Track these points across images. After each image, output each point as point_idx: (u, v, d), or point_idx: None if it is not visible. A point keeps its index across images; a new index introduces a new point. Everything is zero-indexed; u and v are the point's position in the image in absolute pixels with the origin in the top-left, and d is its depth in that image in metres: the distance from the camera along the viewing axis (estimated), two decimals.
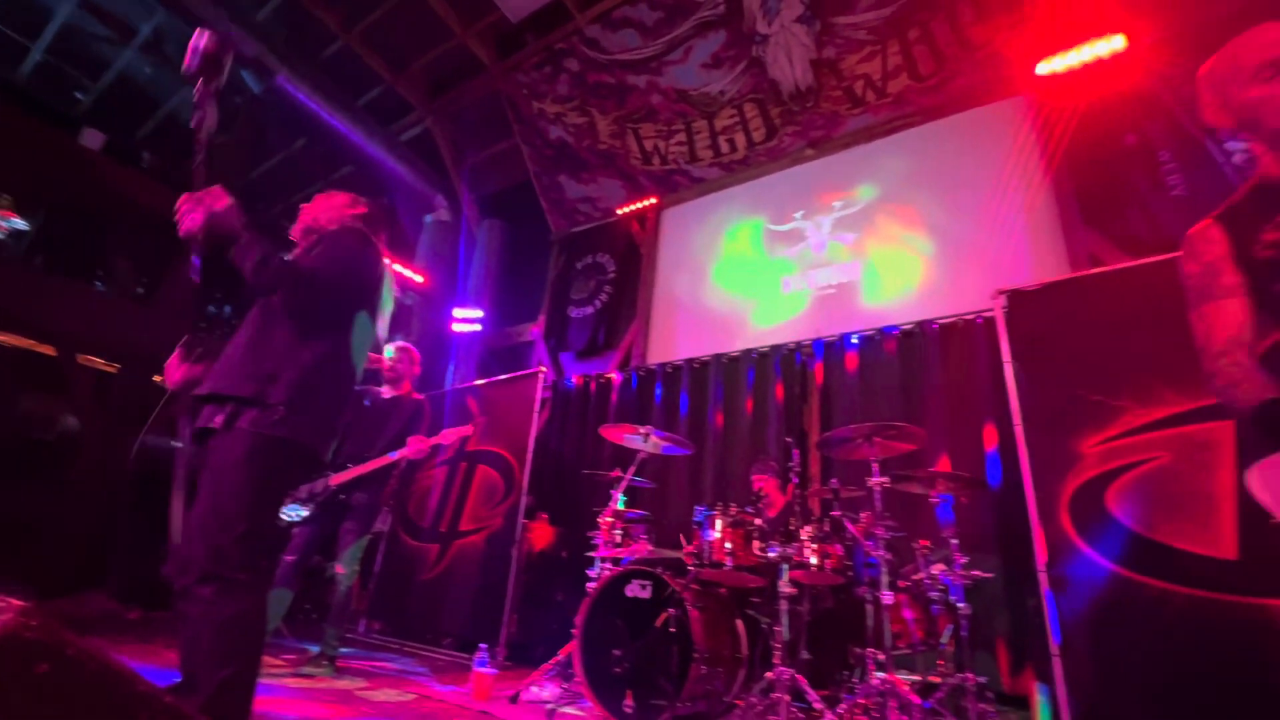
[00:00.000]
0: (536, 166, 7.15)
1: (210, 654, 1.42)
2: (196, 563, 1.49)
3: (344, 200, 2.05)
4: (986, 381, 3.67)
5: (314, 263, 1.76)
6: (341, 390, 1.80)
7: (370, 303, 1.88)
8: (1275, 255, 1.14)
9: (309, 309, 1.71)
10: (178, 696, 1.36)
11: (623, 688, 2.56)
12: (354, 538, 3.29)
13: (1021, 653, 3.18)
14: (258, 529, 1.56)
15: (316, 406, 1.69)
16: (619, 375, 5.66)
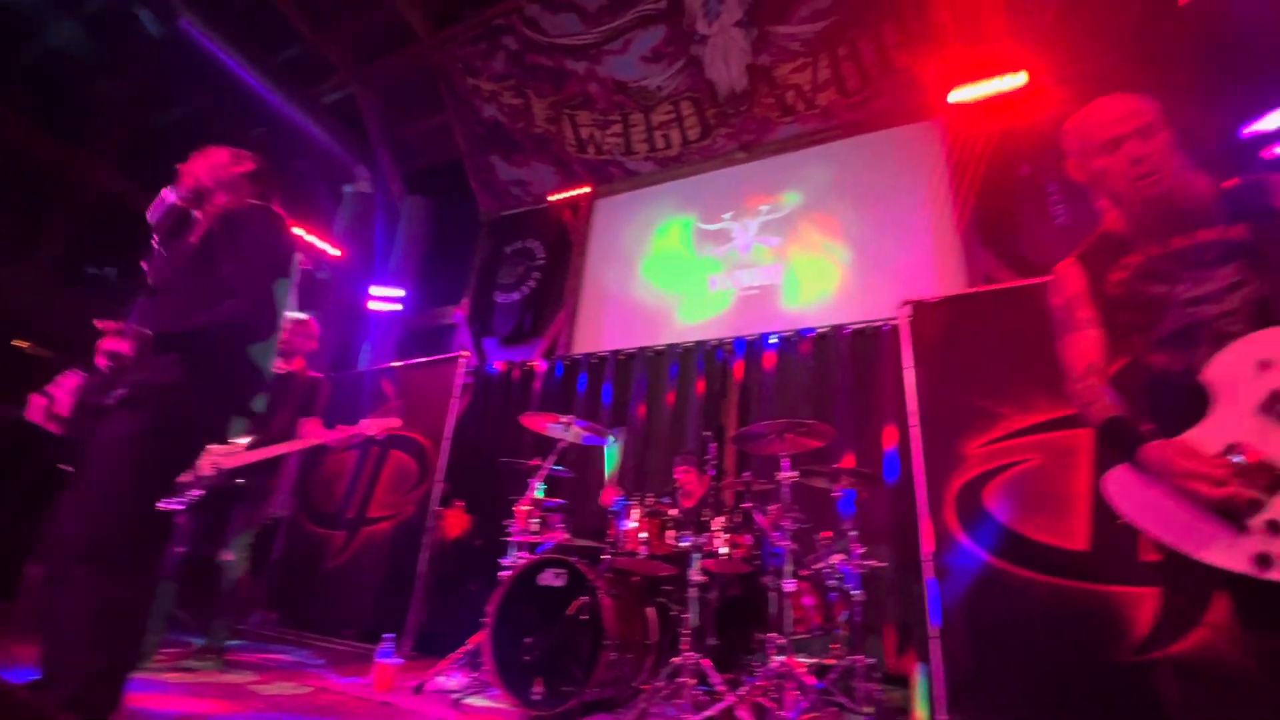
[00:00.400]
0: (468, 145, 6.93)
1: (81, 642, 1.31)
2: (73, 543, 1.37)
3: (225, 158, 1.89)
4: (889, 385, 3.93)
5: (240, 281, 1.63)
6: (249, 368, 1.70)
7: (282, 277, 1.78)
8: (1121, 293, 1.32)
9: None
10: (37, 691, 1.25)
11: (532, 675, 2.57)
12: (244, 524, 3.10)
13: (906, 635, 3.46)
14: (148, 510, 1.45)
15: (221, 383, 1.59)
16: (544, 364, 5.62)
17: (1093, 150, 1.38)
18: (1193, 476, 1.08)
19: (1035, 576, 2.48)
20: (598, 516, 4.18)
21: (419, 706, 2.61)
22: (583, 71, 5.98)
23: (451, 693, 2.83)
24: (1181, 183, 1.31)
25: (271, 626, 4.60)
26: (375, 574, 4.39)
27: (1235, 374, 1.14)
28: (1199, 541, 1.11)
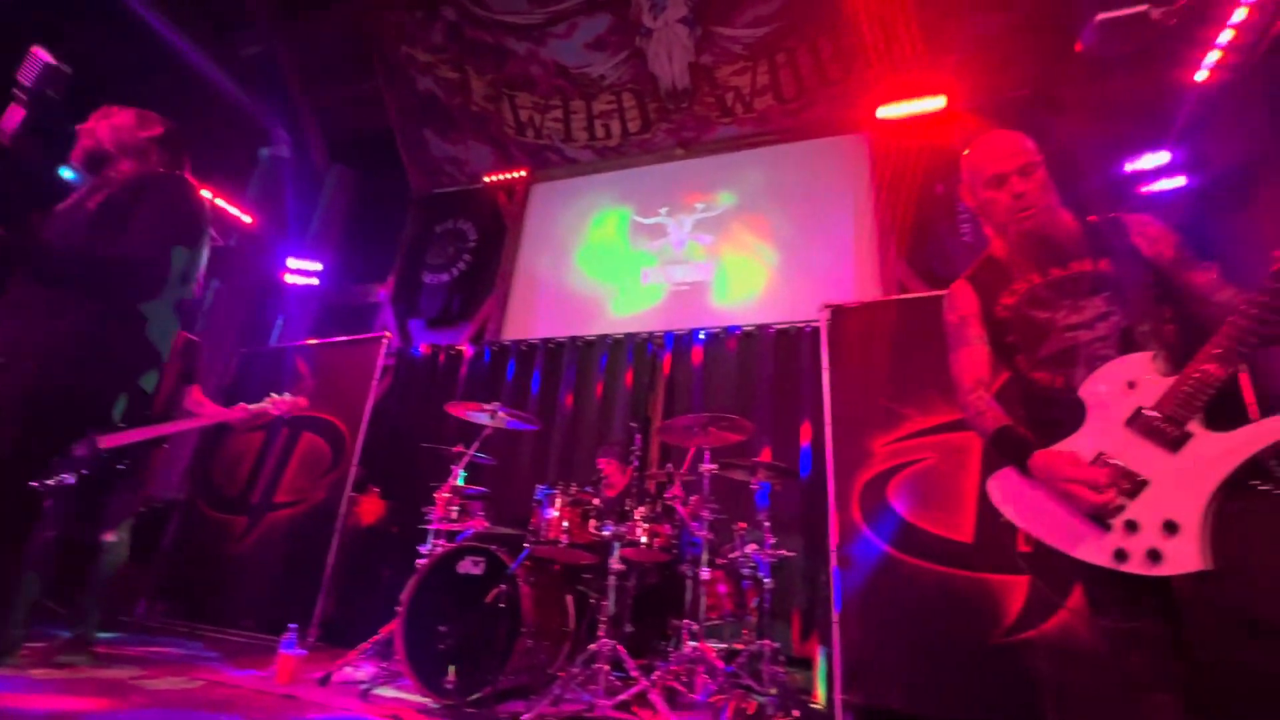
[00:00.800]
0: (400, 117, 6.63)
1: None
2: None
3: (130, 120, 1.74)
4: (808, 384, 4.13)
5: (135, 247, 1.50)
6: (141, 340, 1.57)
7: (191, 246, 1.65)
8: (1009, 316, 1.46)
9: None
10: None
11: (446, 664, 2.54)
12: (125, 505, 2.88)
13: (811, 621, 3.67)
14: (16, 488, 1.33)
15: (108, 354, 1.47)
16: (471, 348, 5.50)
17: (981, 182, 1.51)
18: (1076, 482, 1.21)
19: (926, 565, 2.69)
20: (520, 505, 4.16)
21: (325, 698, 2.52)
22: (524, 52, 5.85)
23: (360, 683, 2.75)
24: (1052, 219, 1.46)
25: (159, 617, 4.29)
26: (280, 561, 4.17)
27: (1107, 391, 1.28)
28: (1071, 539, 1.25)
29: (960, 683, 2.52)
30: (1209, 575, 1.13)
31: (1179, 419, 1.18)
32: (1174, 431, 1.18)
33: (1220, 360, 1.16)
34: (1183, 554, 1.11)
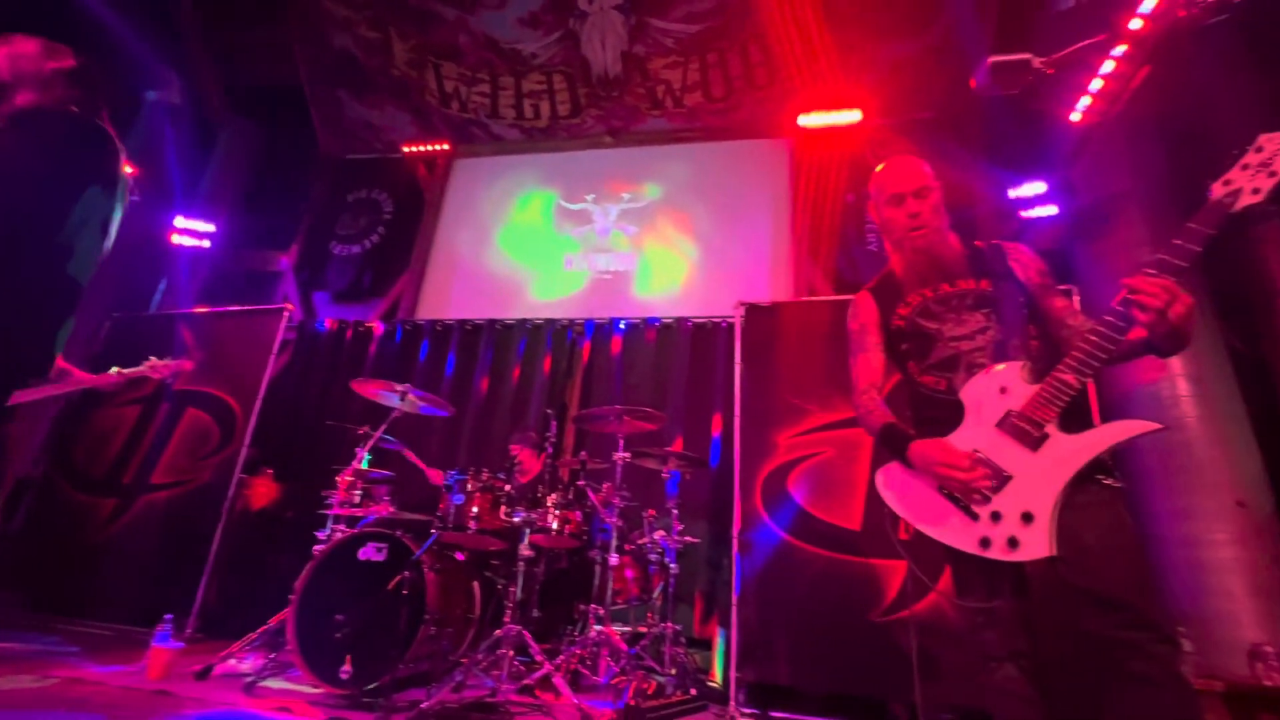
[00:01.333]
0: (311, 73, 6.16)
1: None
2: None
3: (34, 49, 1.53)
4: (721, 377, 4.28)
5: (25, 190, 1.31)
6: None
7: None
8: (902, 325, 1.61)
9: None
10: None
11: (342, 654, 2.45)
12: None
13: (712, 604, 3.83)
14: None
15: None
16: (382, 326, 5.26)
17: (884, 200, 1.65)
18: (946, 465, 1.36)
19: (819, 551, 2.89)
20: (429, 490, 4.05)
21: (203, 693, 2.37)
22: (453, 19, 5.60)
23: (245, 676, 2.60)
24: (942, 239, 1.61)
25: (5, 609, 3.83)
26: (155, 548, 3.84)
27: (982, 396, 1.44)
28: (944, 528, 1.40)
29: (843, 658, 2.74)
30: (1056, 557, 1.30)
31: (1039, 422, 1.34)
32: (1035, 433, 1.34)
33: (1075, 372, 1.33)
34: (1035, 542, 1.28)
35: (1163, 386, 3.71)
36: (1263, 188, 1.23)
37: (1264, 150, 1.24)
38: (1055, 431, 1.33)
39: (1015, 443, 1.36)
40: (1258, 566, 3.26)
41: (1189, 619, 3.29)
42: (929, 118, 5.13)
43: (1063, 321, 1.53)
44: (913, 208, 1.60)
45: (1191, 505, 3.49)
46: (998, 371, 1.46)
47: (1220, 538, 3.34)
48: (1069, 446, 1.31)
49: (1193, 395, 3.63)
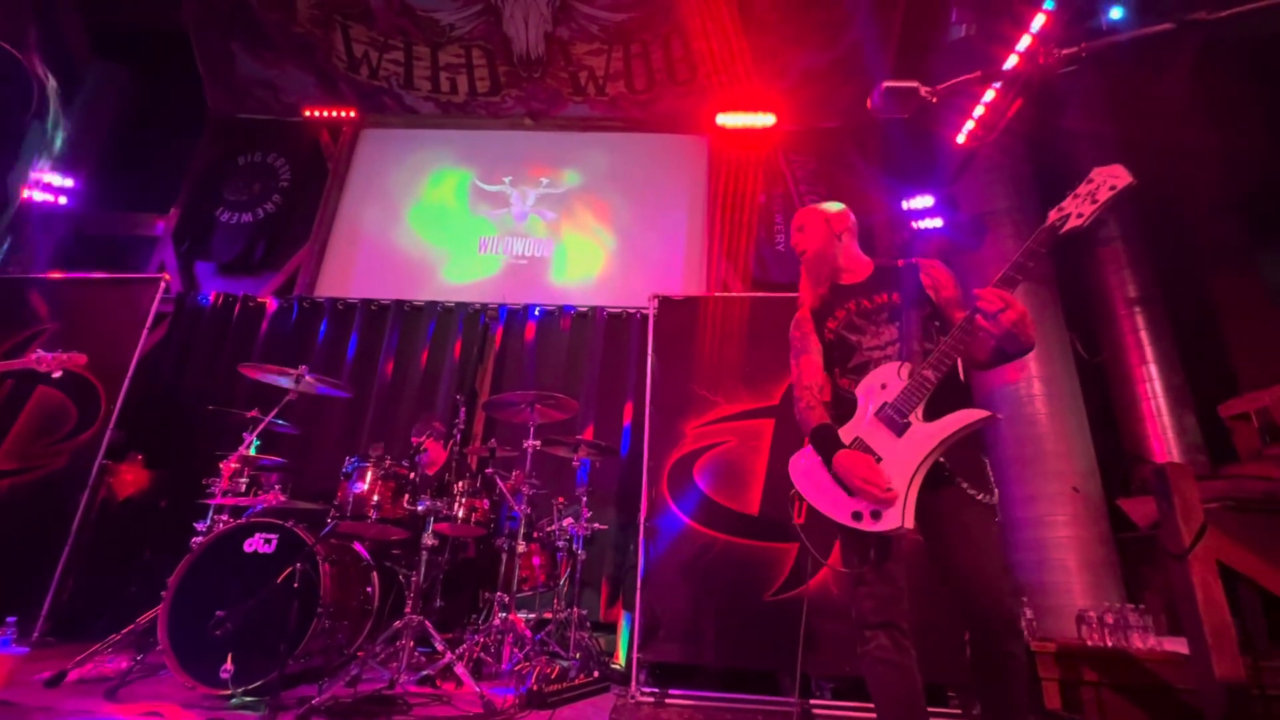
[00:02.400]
0: (198, 19, 5.58)
1: None
2: None
3: None
4: (634, 367, 4.35)
5: None
6: None
7: None
8: (833, 338, 1.81)
9: None
10: None
11: (223, 652, 2.30)
12: None
13: (617, 588, 3.92)
14: None
15: None
16: (276, 302, 4.91)
17: (833, 235, 1.90)
18: (865, 481, 1.52)
19: (719, 536, 3.03)
20: (326, 479, 3.85)
21: (54, 701, 2.15)
22: None
23: (106, 680, 2.38)
24: (851, 261, 1.86)
25: None
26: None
27: (868, 391, 1.64)
28: (833, 506, 1.58)
29: (738, 636, 2.89)
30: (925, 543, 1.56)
31: (904, 411, 1.55)
32: (900, 420, 1.56)
33: (933, 369, 1.54)
34: (893, 514, 1.47)
35: (1021, 386, 4.19)
36: (1085, 213, 1.44)
37: (1093, 181, 1.46)
38: (917, 420, 1.54)
39: (885, 430, 1.57)
40: (1088, 544, 3.78)
41: (1032, 589, 3.76)
42: (835, 127, 5.43)
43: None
44: (846, 243, 1.92)
45: (1038, 491, 3.97)
46: (879, 370, 1.64)
47: (1060, 518, 3.83)
48: (924, 432, 1.52)
49: (1044, 395, 4.13)
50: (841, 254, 1.87)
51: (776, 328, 3.37)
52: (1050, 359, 4.20)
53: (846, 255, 1.87)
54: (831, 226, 1.90)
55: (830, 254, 1.87)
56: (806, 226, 1.94)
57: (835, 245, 1.87)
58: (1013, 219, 4.48)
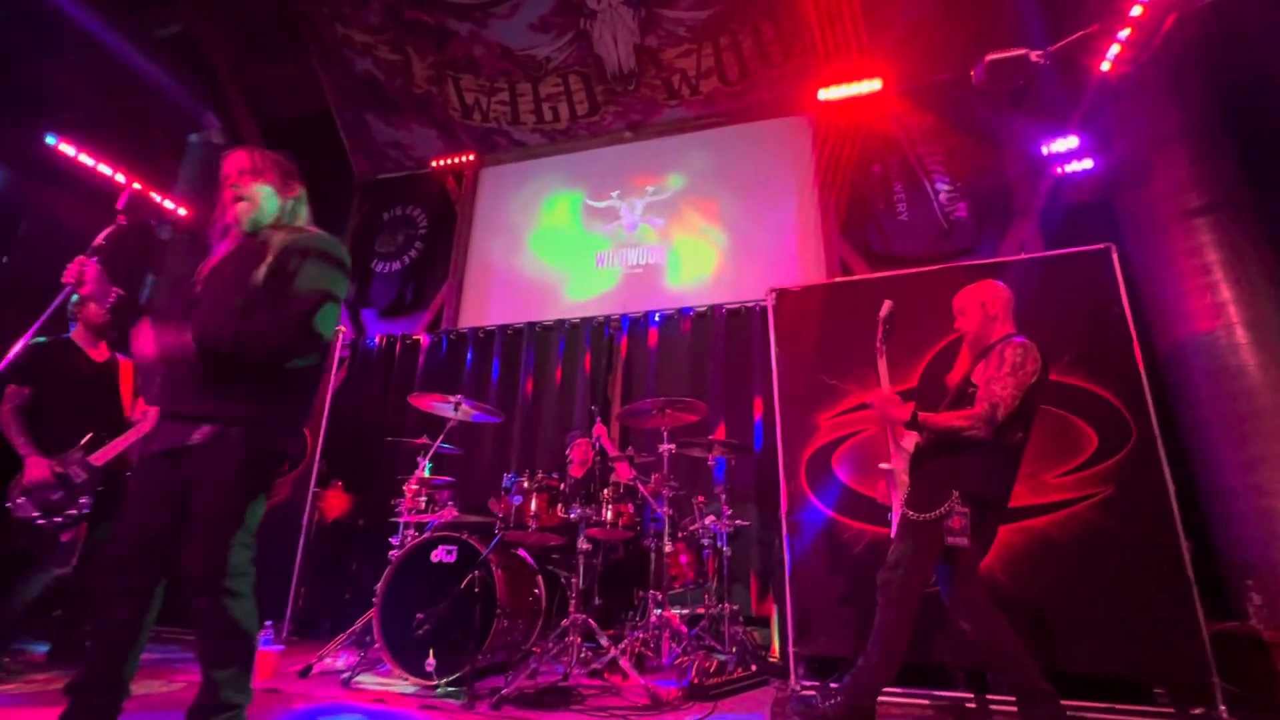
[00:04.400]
0: (338, 99, 6.42)
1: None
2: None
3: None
4: (759, 361, 4.34)
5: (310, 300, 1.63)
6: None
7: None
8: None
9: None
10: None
11: (425, 649, 2.66)
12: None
13: (766, 583, 3.94)
14: None
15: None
16: (428, 337, 5.50)
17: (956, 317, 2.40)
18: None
19: (866, 527, 2.95)
20: (485, 492, 4.26)
21: (307, 689, 2.62)
22: (466, 34, 5.74)
23: (340, 673, 2.85)
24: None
25: None
26: None
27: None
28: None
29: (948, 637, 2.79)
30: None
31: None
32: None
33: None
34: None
35: (1219, 334, 3.60)
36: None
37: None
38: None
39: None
40: None
41: (1257, 570, 3.23)
42: (951, 78, 5.00)
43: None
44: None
45: (1257, 454, 3.39)
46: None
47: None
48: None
49: (1251, 342, 3.52)
50: (995, 333, 2.23)
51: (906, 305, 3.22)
52: (1255, 300, 3.57)
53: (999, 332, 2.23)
54: (986, 310, 2.26)
55: (986, 335, 2.24)
56: (967, 311, 2.31)
57: (991, 327, 2.24)
58: (1187, 144, 3.84)
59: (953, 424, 2.08)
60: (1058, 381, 2.86)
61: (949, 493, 2.06)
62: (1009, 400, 2.02)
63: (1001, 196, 4.58)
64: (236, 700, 1.56)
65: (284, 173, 1.86)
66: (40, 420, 2.79)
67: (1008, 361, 2.07)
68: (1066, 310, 2.95)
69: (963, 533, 2.00)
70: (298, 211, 1.88)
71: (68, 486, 2.71)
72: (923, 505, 2.10)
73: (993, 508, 2.13)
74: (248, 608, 1.58)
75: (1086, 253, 3.01)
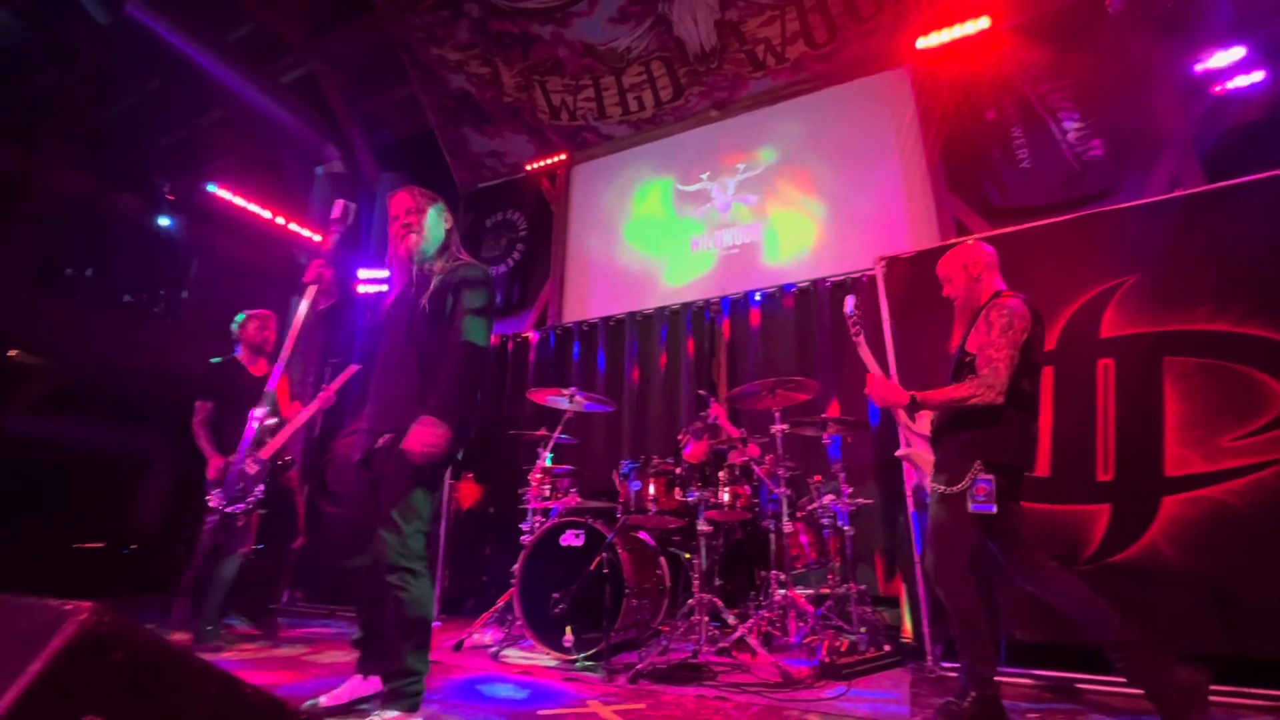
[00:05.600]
0: (438, 118, 6.84)
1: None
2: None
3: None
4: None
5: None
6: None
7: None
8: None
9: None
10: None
11: (561, 626, 2.85)
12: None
13: (893, 562, 3.81)
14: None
15: None
16: (536, 334, 5.77)
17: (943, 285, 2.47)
18: None
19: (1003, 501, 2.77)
20: (602, 478, 4.44)
21: (461, 661, 2.89)
22: (549, 36, 5.90)
23: (488, 647, 3.12)
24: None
25: (301, 603, 4.87)
26: None
27: None
28: None
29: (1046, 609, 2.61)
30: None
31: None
32: None
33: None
34: None
35: None
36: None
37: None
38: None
39: None
40: None
41: None
42: (1070, 3, 4.48)
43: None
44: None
45: None
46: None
47: None
48: None
49: None
50: (983, 294, 2.26)
51: (1034, 261, 2.97)
52: None
53: (986, 293, 2.26)
54: (969, 272, 2.30)
55: (974, 299, 2.29)
56: (952, 278, 2.37)
57: (976, 288, 2.29)
58: None
59: (954, 397, 2.08)
60: (1229, 333, 2.53)
61: (971, 464, 2.04)
62: (1006, 361, 2.03)
63: (1145, 128, 4.05)
64: (418, 668, 1.79)
65: (439, 208, 2.15)
66: (219, 429, 3.32)
67: (995, 325, 2.08)
68: (1236, 251, 2.59)
69: (987, 499, 1.98)
70: (451, 239, 2.15)
71: (245, 479, 3.25)
72: (949, 479, 2.09)
73: (1018, 470, 2.12)
74: (425, 586, 1.83)
75: (1263, 181, 2.61)
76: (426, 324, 1.94)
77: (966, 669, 2.01)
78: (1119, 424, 2.66)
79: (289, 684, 2.42)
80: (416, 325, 1.95)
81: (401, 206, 2.10)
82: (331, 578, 4.80)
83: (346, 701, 1.94)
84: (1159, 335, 2.65)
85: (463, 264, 2.08)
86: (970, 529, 2.05)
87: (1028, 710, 2.13)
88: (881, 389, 2.29)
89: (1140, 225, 2.84)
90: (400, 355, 1.97)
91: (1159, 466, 2.52)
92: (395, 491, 1.81)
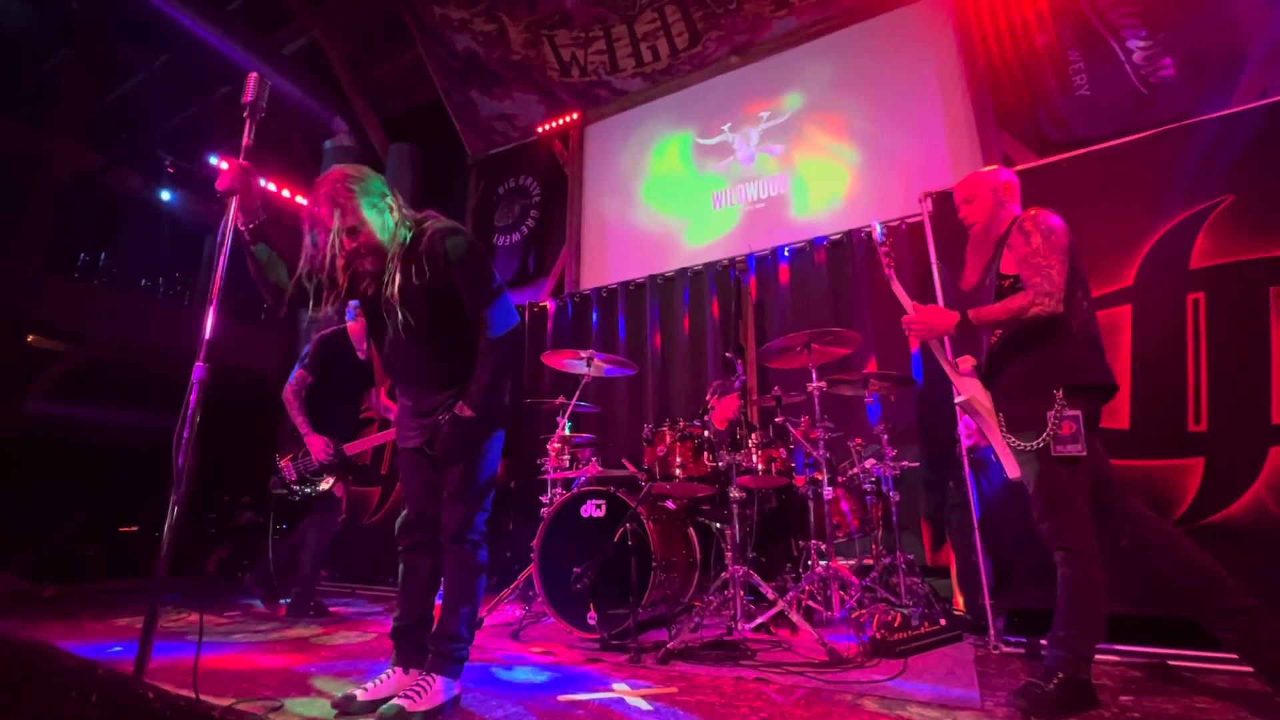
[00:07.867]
0: (444, 82, 6.56)
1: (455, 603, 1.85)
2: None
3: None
4: (911, 284, 3.81)
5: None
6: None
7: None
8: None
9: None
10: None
11: (585, 602, 2.64)
12: None
13: (941, 529, 3.52)
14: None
15: None
16: (553, 303, 5.53)
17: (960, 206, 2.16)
18: None
19: None
20: (625, 447, 4.21)
21: (482, 640, 2.71)
22: None
23: (509, 625, 2.94)
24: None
25: (324, 582, 4.77)
26: None
27: None
28: None
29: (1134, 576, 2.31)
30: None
31: None
32: None
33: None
34: None
35: None
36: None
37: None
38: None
39: None
40: None
41: None
42: None
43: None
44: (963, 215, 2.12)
45: None
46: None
47: None
48: None
49: None
50: (1004, 221, 1.98)
51: (1102, 190, 2.61)
52: None
53: (1006, 220, 1.98)
54: (999, 196, 2.02)
55: (997, 225, 1.99)
56: (975, 199, 2.05)
57: (1000, 214, 2.00)
58: None
59: (1012, 308, 1.80)
60: None
61: (1050, 397, 1.75)
62: (1059, 266, 1.79)
63: (1223, 39, 3.58)
64: (467, 635, 1.84)
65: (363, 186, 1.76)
66: (313, 402, 3.32)
67: (1034, 234, 1.84)
68: None
69: (1074, 439, 1.71)
70: (396, 206, 1.84)
71: (322, 465, 3.28)
72: (1025, 425, 1.81)
73: (1103, 392, 1.85)
74: (483, 560, 1.90)
75: None
76: (426, 301, 1.78)
77: (1063, 642, 1.72)
78: (1212, 366, 2.32)
79: (296, 666, 2.25)
80: (415, 308, 1.77)
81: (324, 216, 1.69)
82: (355, 557, 4.70)
83: (386, 695, 1.73)
84: (1264, 262, 2.28)
85: (430, 228, 1.83)
86: (1082, 475, 1.76)
87: (1119, 693, 1.85)
88: (926, 315, 1.99)
89: (1235, 139, 2.46)
90: (415, 337, 1.81)
91: (1266, 413, 2.18)
92: (457, 471, 1.85)
